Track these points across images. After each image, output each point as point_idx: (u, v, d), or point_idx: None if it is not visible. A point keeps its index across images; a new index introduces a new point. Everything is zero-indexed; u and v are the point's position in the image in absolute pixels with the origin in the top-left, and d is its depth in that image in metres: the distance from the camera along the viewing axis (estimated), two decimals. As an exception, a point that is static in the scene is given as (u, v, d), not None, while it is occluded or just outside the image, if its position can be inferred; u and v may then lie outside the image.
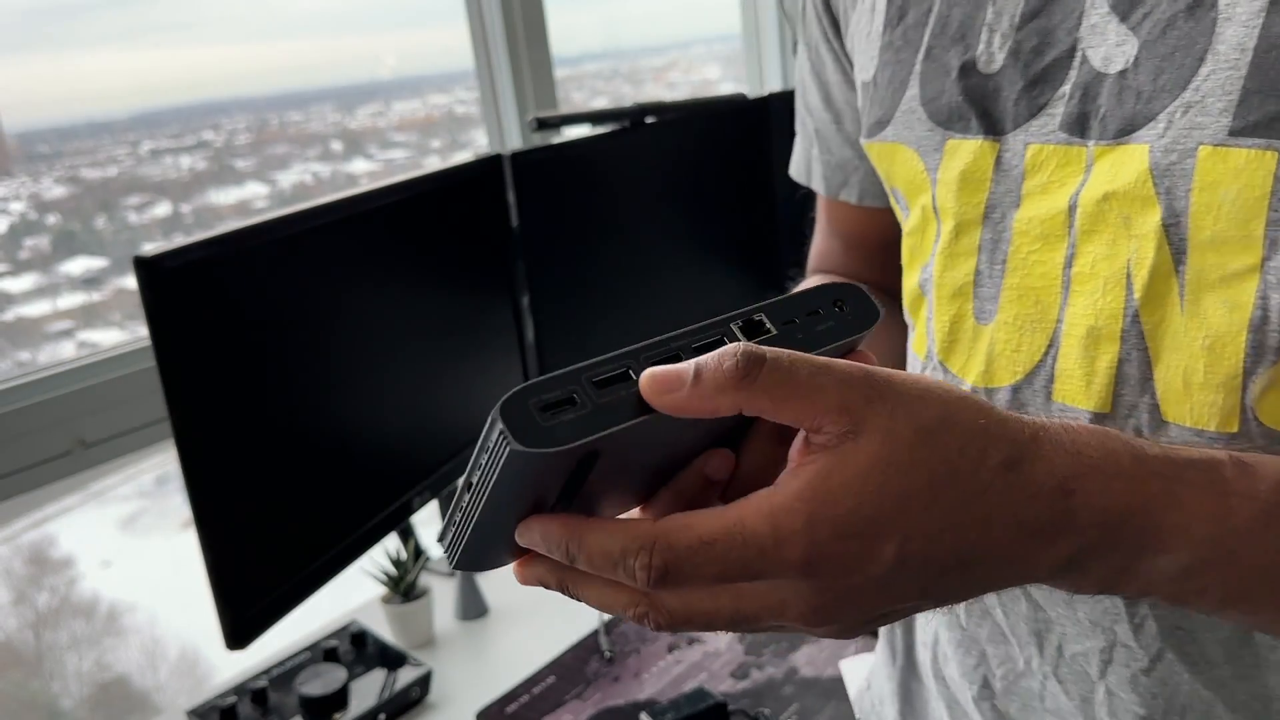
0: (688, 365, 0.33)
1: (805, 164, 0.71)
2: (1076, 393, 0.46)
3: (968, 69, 0.50)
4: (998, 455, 0.32)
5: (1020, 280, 0.49)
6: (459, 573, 1.26)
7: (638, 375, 0.34)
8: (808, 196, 0.74)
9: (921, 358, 0.56)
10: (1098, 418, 0.45)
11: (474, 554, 0.38)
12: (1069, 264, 0.46)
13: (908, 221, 0.57)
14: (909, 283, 0.57)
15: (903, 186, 0.56)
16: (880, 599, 0.33)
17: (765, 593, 0.33)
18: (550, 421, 0.32)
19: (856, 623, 0.34)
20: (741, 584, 0.33)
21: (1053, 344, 0.47)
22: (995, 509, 0.32)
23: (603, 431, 0.33)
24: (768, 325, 0.37)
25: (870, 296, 0.38)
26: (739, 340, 0.36)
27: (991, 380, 0.50)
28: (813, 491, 0.31)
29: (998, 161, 0.49)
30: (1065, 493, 0.33)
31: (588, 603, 0.36)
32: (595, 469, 0.34)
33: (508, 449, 0.32)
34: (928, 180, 0.53)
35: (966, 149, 0.50)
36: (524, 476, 0.33)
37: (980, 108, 0.50)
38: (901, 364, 0.61)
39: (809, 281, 0.70)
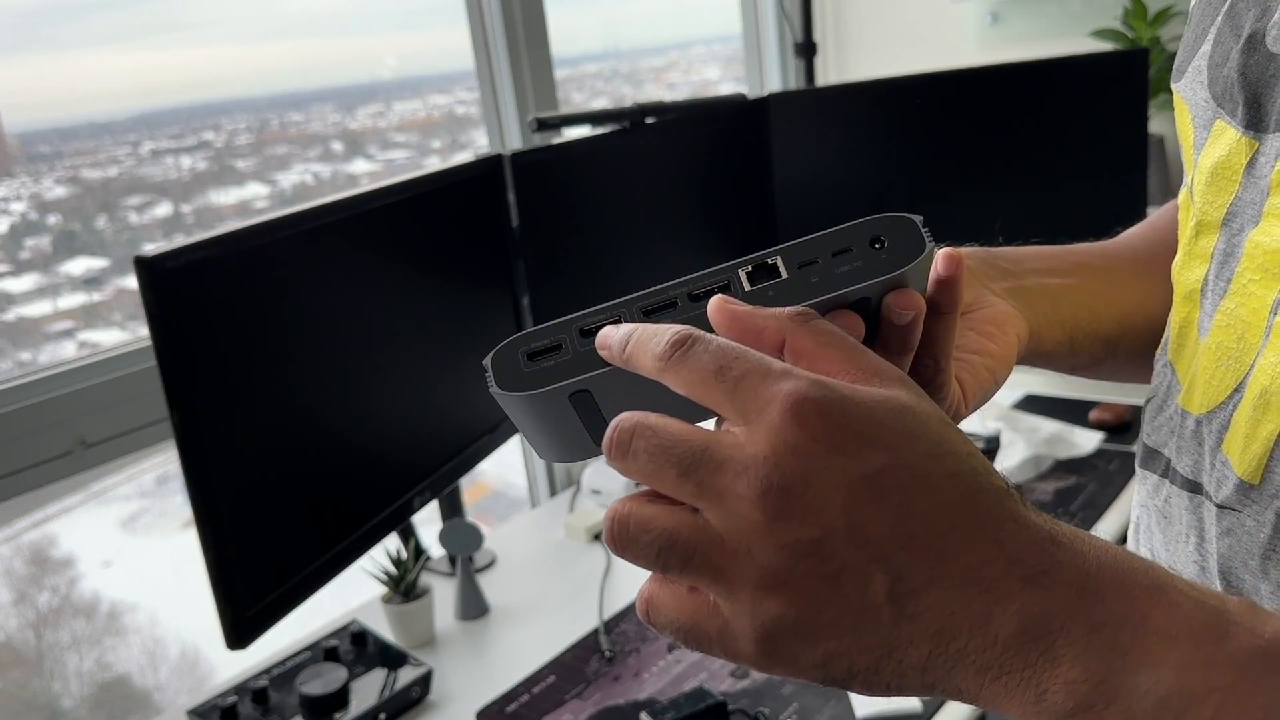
0: (627, 331, 0.34)
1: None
2: (1236, 450, 0.41)
3: (1254, 41, 0.42)
4: (998, 481, 0.31)
5: (1235, 306, 0.42)
6: (459, 573, 1.27)
7: (628, 319, 0.35)
8: (810, 195, 0.75)
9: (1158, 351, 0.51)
10: (1242, 487, 0.40)
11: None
12: (1275, 309, 0.40)
13: (1181, 192, 0.50)
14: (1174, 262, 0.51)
15: (1184, 152, 0.49)
16: (842, 575, 0.29)
17: (736, 443, 0.30)
18: (530, 368, 0.35)
19: (809, 643, 0.30)
20: (715, 432, 0.32)
21: (1239, 389, 0.41)
22: (983, 519, 0.30)
23: (570, 379, 0.34)
24: (781, 268, 0.36)
25: (920, 229, 0.36)
26: (743, 286, 0.36)
27: (1190, 402, 0.45)
28: (843, 382, 0.32)
29: (1250, 163, 0.42)
30: (1054, 542, 0.30)
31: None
32: (604, 403, 0.35)
33: (491, 391, 0.34)
34: (1193, 159, 0.47)
35: (1227, 138, 0.43)
36: (527, 413, 0.35)
37: (1251, 92, 0.42)
38: (1141, 328, 0.56)
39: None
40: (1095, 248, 0.59)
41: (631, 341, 0.34)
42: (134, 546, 1.31)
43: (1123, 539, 1.49)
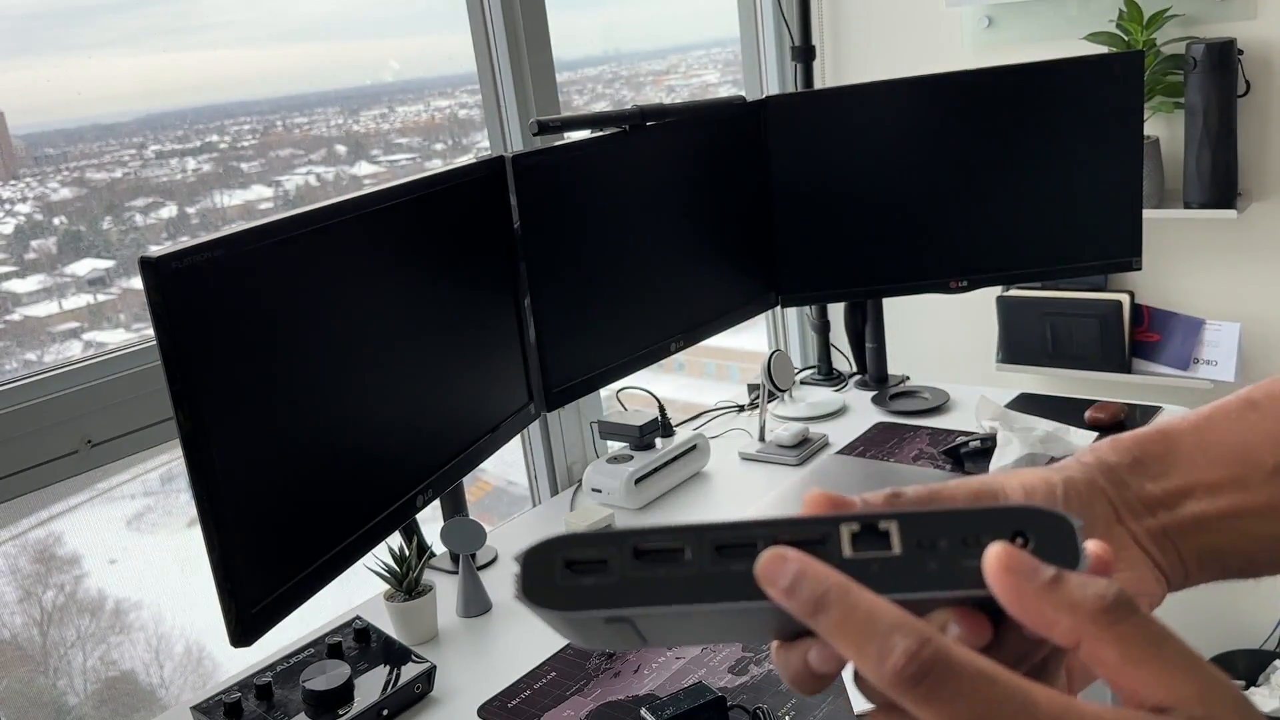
0: (819, 590, 0.27)
1: None
2: None
3: None
4: None
5: None
6: (461, 570, 1.28)
7: (694, 554, 0.30)
8: (809, 197, 0.75)
9: None
10: None
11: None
12: None
13: None
14: None
15: None
16: None
17: None
18: (568, 581, 0.29)
19: None
20: None
21: None
22: None
23: (614, 608, 0.29)
24: (894, 540, 0.29)
25: (1077, 535, 0.29)
26: (841, 549, 0.29)
27: None
28: None
29: None
30: None
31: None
32: (646, 629, 0.31)
33: (515, 597, 0.30)
34: None
35: None
36: (556, 621, 0.30)
37: None
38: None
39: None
40: None
41: (830, 611, 0.27)
42: (139, 544, 1.32)
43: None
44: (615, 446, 1.61)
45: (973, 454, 1.51)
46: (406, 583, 1.19)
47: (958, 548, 0.29)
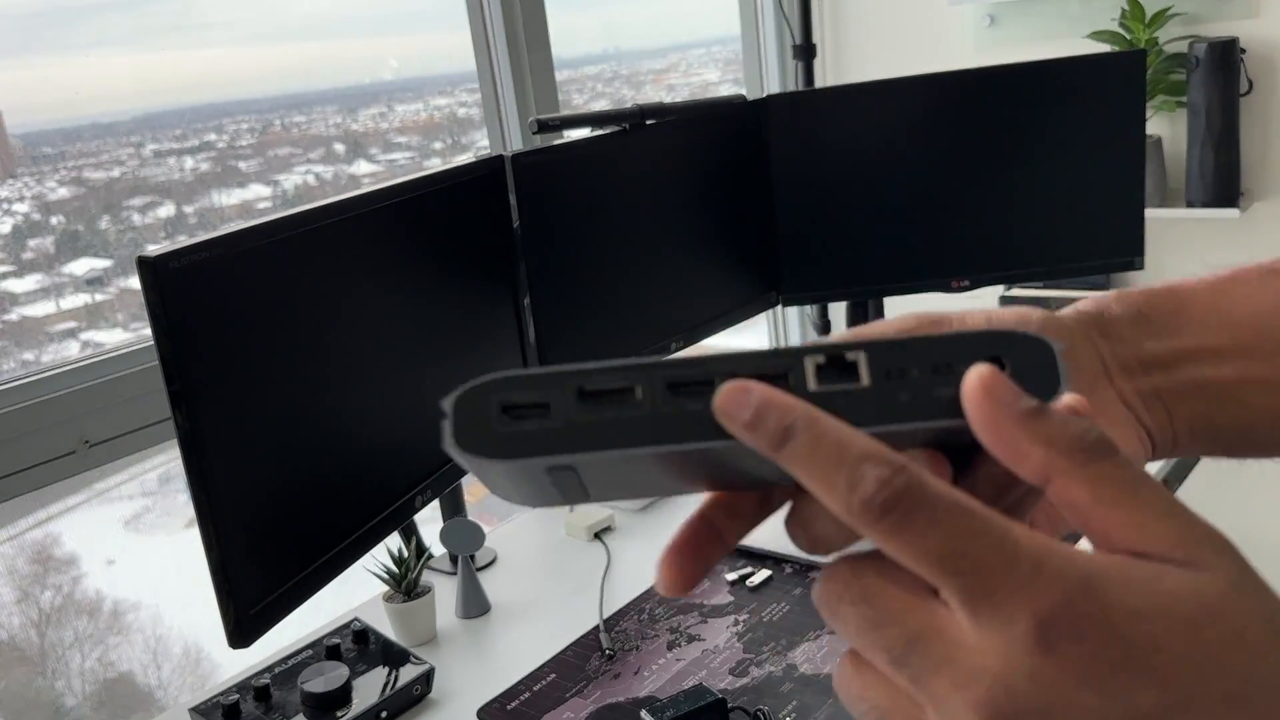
0: (785, 420, 0.25)
1: None
2: None
3: None
4: None
5: None
6: (460, 571, 1.27)
7: (645, 393, 0.27)
8: (810, 196, 0.75)
9: None
10: None
11: None
12: None
13: None
14: None
15: None
16: None
17: (960, 642, 0.24)
18: (505, 427, 0.27)
19: None
20: (941, 609, 0.25)
21: None
22: None
23: (556, 454, 0.27)
24: (862, 371, 0.27)
25: (1057, 359, 0.27)
26: (806, 382, 0.27)
27: None
28: (1115, 569, 0.24)
29: None
30: None
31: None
32: (590, 480, 0.29)
33: (444, 446, 0.27)
34: None
35: None
36: (487, 469, 0.28)
37: None
38: None
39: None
40: None
41: (797, 440, 0.25)
42: (137, 545, 1.31)
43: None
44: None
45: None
46: (405, 584, 1.19)
47: (930, 376, 0.27)
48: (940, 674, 0.24)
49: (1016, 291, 2.04)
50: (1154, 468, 1.44)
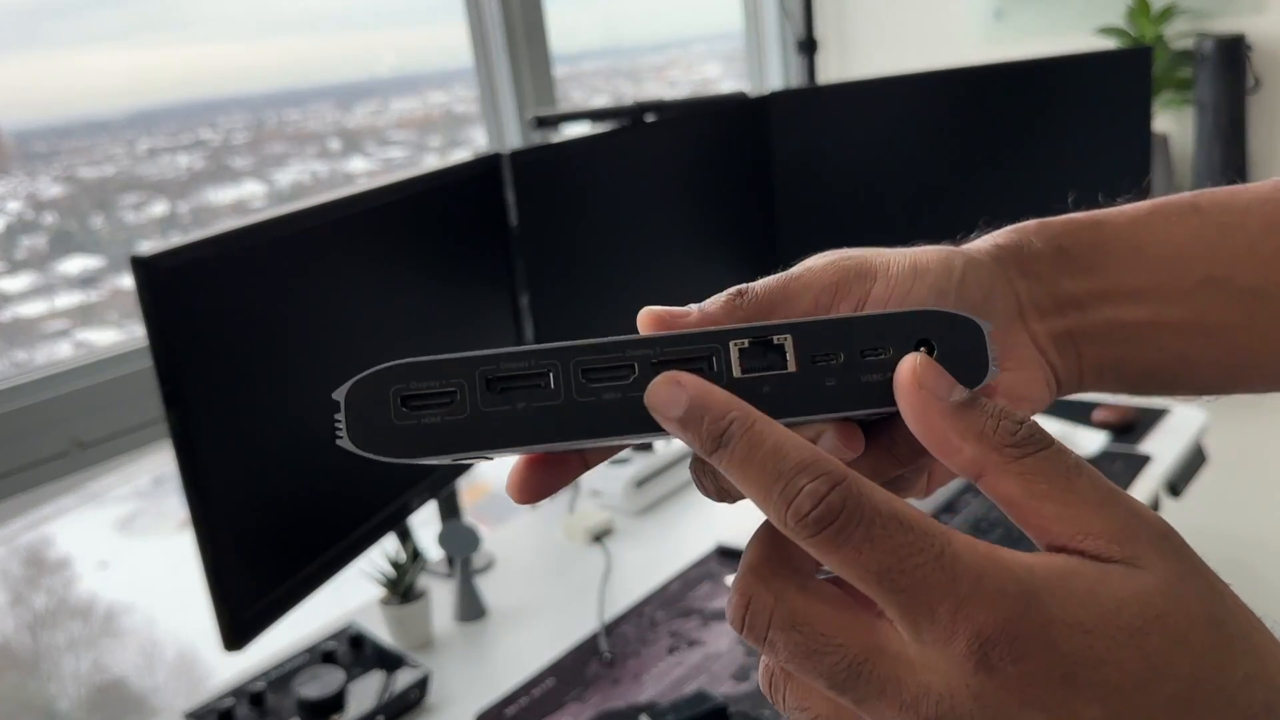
0: (719, 423, 0.24)
1: None
2: None
3: None
4: (1245, 665, 0.24)
5: None
6: (457, 575, 1.26)
7: (559, 381, 0.25)
8: (812, 194, 0.73)
9: None
10: None
11: None
12: None
13: None
14: None
15: None
16: None
17: (903, 660, 0.24)
18: (405, 419, 0.25)
19: None
20: (882, 625, 0.24)
21: None
22: None
23: (460, 451, 0.25)
24: (788, 355, 0.26)
25: (986, 341, 0.27)
26: (730, 368, 0.26)
27: None
28: (1056, 580, 0.23)
29: None
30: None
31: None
32: (500, 455, 0.27)
33: (337, 438, 0.25)
34: None
35: None
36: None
37: None
38: None
39: None
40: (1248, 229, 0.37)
41: (731, 447, 0.24)
42: (130, 548, 1.30)
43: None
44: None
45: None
46: (401, 587, 1.17)
47: (857, 361, 0.26)
48: (885, 696, 0.24)
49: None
50: (1160, 469, 1.42)
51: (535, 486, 0.29)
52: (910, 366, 0.26)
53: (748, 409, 0.25)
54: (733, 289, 0.32)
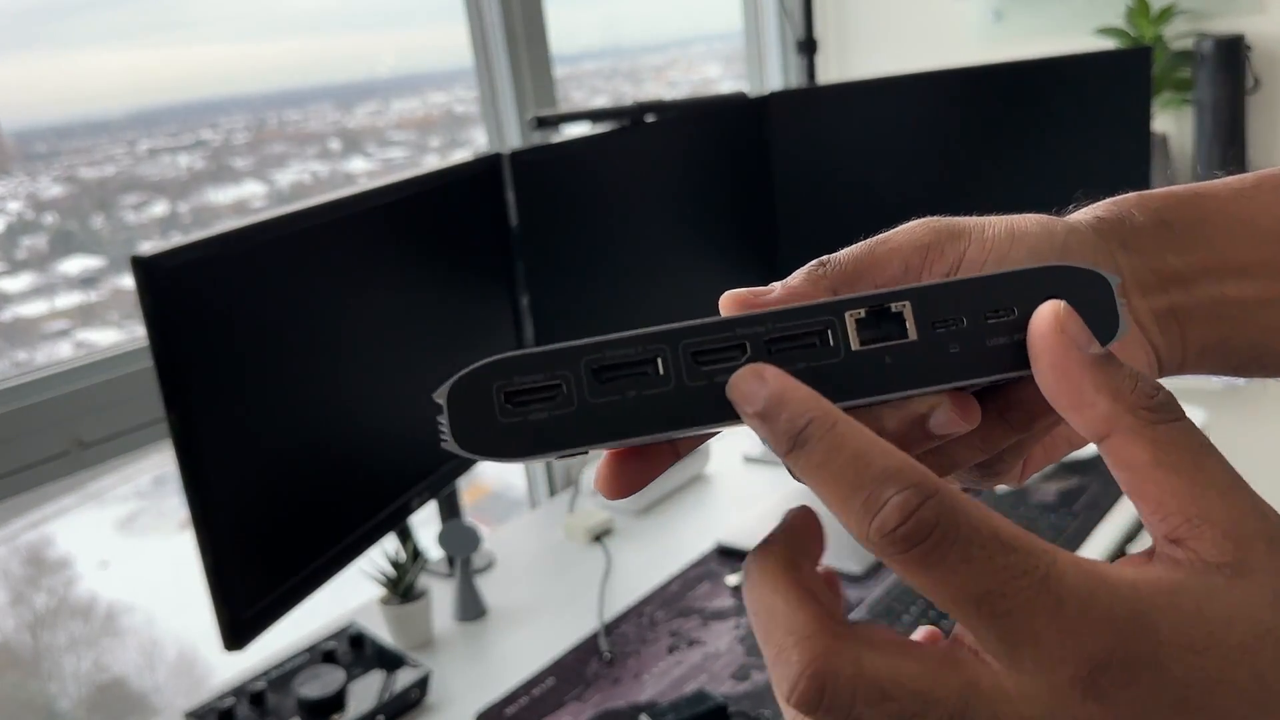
0: (797, 422, 0.23)
1: None
2: None
3: None
4: None
5: None
6: (458, 574, 1.26)
7: (669, 366, 0.24)
8: (812, 194, 0.73)
9: None
10: None
11: None
12: None
13: None
14: None
15: None
16: None
17: (1000, 694, 0.22)
18: (510, 416, 0.24)
19: None
20: (965, 659, 0.23)
21: None
22: None
23: (571, 447, 0.24)
24: (908, 322, 0.25)
25: (1115, 297, 0.25)
26: (848, 340, 0.24)
27: None
28: (1164, 598, 0.22)
29: None
30: None
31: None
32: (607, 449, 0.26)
33: (442, 442, 0.24)
34: None
35: None
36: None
37: None
38: None
39: None
40: None
41: (809, 448, 0.23)
42: (131, 547, 1.30)
43: (1125, 539, 1.46)
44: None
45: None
46: (402, 587, 1.17)
47: (982, 324, 0.24)
48: None
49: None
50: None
51: (628, 480, 0.27)
52: (1053, 312, 0.24)
53: (830, 409, 0.23)
54: (814, 261, 0.30)
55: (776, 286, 0.29)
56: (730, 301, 0.28)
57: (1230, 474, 0.23)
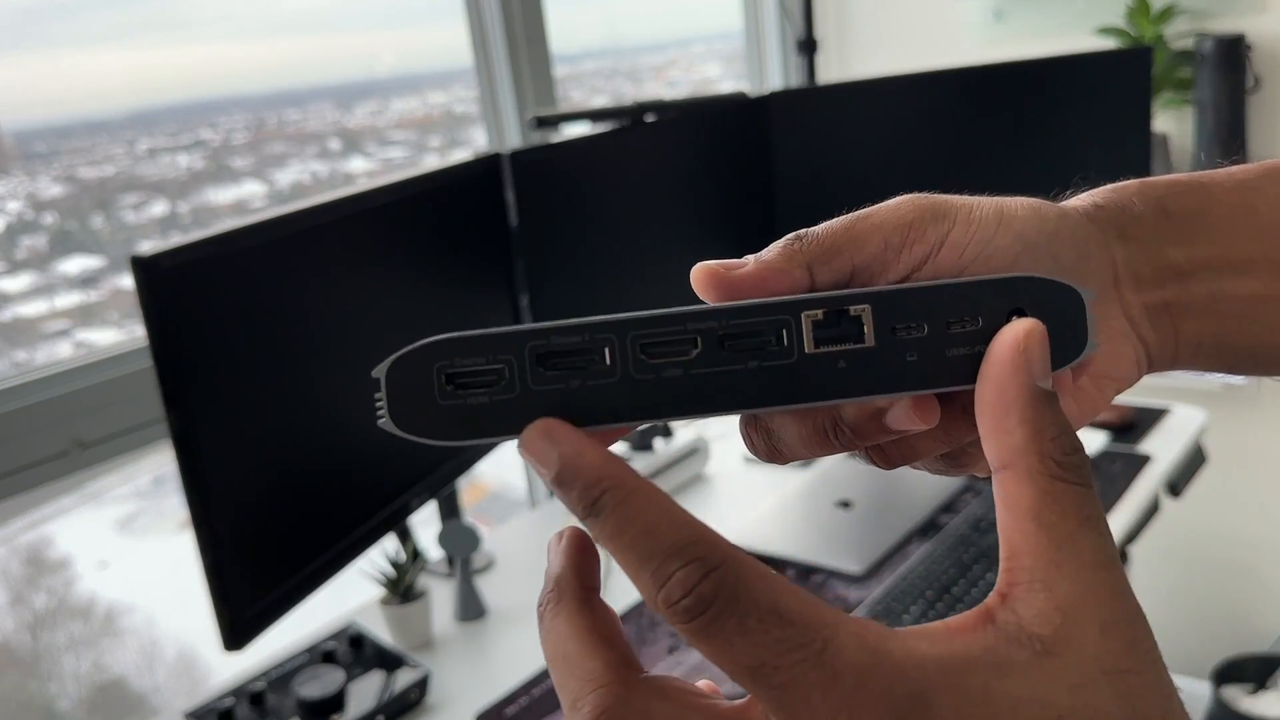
0: (592, 475, 0.23)
1: None
2: None
3: None
4: None
5: None
6: (457, 575, 1.26)
7: (616, 356, 0.23)
8: (812, 194, 0.73)
9: None
10: None
11: None
12: None
13: None
14: None
15: None
16: None
17: None
18: (449, 399, 0.23)
19: None
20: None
21: None
22: None
23: (507, 434, 0.23)
24: (865, 325, 0.24)
25: (1086, 312, 0.24)
26: (803, 342, 0.24)
27: None
28: (951, 677, 0.22)
29: None
30: None
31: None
32: None
33: (378, 419, 0.23)
34: None
35: None
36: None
37: None
38: None
39: None
40: None
41: (602, 519, 0.23)
42: (130, 548, 1.30)
43: (1127, 540, 1.45)
44: (614, 448, 1.59)
45: (978, 455, 1.50)
46: (401, 587, 1.17)
47: (942, 333, 0.24)
48: None
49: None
50: (1159, 469, 1.42)
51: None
52: (1022, 332, 0.23)
53: (624, 477, 0.23)
54: (791, 234, 0.30)
55: (750, 259, 0.28)
56: (701, 273, 0.28)
57: (1103, 555, 0.22)
